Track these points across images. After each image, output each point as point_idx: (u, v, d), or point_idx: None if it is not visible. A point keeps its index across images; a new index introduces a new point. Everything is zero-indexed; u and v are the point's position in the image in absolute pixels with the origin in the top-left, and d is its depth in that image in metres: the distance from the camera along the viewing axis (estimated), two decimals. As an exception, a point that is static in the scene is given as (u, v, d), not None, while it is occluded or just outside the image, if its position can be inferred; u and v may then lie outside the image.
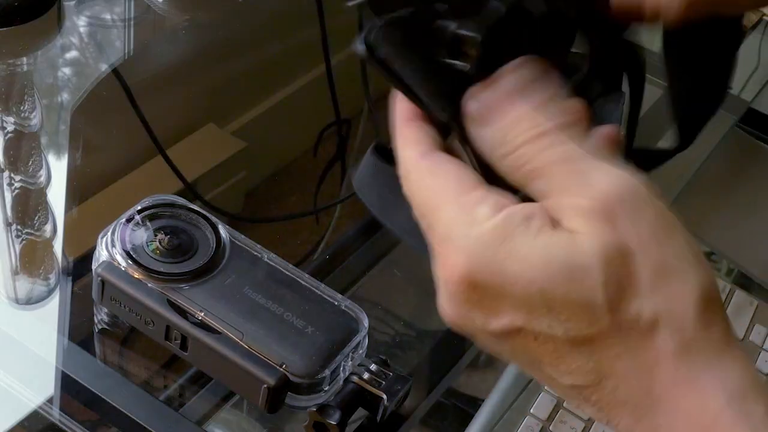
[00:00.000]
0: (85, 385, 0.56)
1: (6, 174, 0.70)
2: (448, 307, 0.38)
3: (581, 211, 0.36)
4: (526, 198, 0.38)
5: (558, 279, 0.35)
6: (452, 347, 0.64)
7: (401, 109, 0.40)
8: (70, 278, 0.64)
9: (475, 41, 0.38)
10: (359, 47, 0.38)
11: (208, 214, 0.59)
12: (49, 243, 0.67)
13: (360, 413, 0.56)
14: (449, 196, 0.37)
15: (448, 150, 0.40)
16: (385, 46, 0.38)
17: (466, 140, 0.39)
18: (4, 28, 0.78)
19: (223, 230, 0.59)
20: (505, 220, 0.36)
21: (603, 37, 0.43)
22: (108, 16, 0.87)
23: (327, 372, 0.53)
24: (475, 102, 0.39)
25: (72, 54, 0.83)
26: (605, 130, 0.40)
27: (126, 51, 0.85)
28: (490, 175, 0.38)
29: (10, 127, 0.73)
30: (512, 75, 0.39)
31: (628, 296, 0.35)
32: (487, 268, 0.36)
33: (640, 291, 0.35)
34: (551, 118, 0.38)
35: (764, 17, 1.07)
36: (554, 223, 0.36)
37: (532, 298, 0.35)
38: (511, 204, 0.37)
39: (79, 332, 0.60)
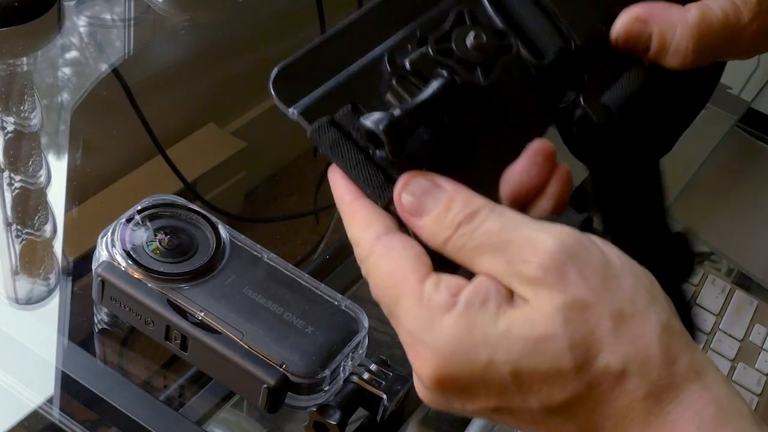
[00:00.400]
0: (85, 385, 0.56)
1: (6, 174, 0.70)
2: (425, 396, 0.39)
3: (530, 279, 0.37)
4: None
5: (525, 356, 0.36)
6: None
7: (346, 186, 0.41)
8: (70, 278, 0.64)
9: (379, 133, 0.39)
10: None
11: (208, 214, 0.59)
12: (49, 243, 0.67)
13: (360, 413, 0.56)
14: (407, 286, 0.38)
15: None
16: (321, 145, 0.40)
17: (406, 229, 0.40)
18: (4, 28, 0.78)
19: (223, 230, 0.59)
20: (465, 309, 0.37)
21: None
22: (108, 16, 0.87)
23: (327, 372, 0.53)
24: (407, 195, 0.39)
25: (72, 54, 0.83)
26: (535, 144, 0.42)
27: (126, 51, 0.85)
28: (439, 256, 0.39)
29: (10, 127, 0.73)
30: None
31: (594, 353, 0.36)
32: (457, 364, 0.37)
33: (604, 344, 0.36)
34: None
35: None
36: (508, 295, 0.37)
37: (503, 381, 0.37)
38: (464, 285, 0.38)
39: (79, 332, 0.60)
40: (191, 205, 0.60)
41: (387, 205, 0.40)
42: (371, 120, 0.39)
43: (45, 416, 0.56)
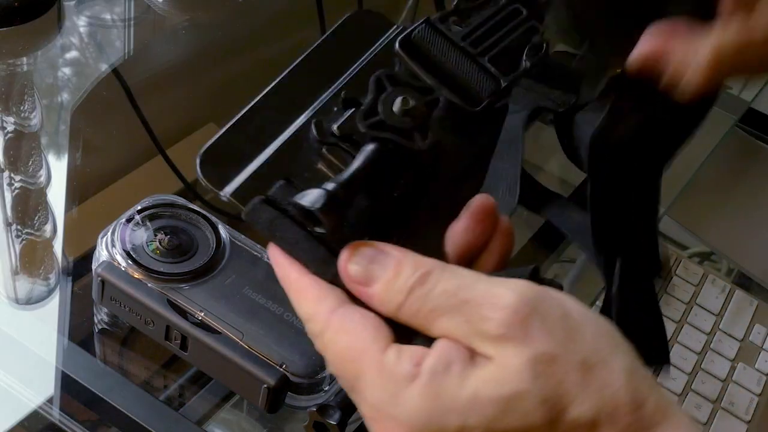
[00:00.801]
0: (85, 385, 0.56)
1: (6, 174, 0.70)
2: None
3: (493, 336, 0.36)
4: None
5: (498, 417, 0.36)
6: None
7: (290, 264, 0.40)
8: (70, 278, 0.64)
9: (317, 213, 0.37)
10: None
11: (208, 214, 0.59)
12: (49, 243, 0.67)
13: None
14: (368, 360, 0.37)
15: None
16: (258, 225, 0.39)
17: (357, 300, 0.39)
18: (4, 28, 0.78)
19: (223, 230, 0.59)
20: (430, 378, 0.36)
21: None
22: (108, 16, 0.87)
23: (327, 372, 0.53)
24: (353, 265, 0.39)
25: (72, 54, 0.83)
26: (476, 201, 0.41)
27: (126, 51, 0.85)
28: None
29: (10, 127, 0.73)
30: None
31: (564, 405, 0.36)
32: (426, 430, 0.36)
33: (573, 395, 0.36)
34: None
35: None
36: (470, 356, 0.36)
37: None
38: (425, 353, 0.37)
39: (79, 332, 0.60)
40: (191, 205, 0.60)
41: (333, 279, 0.39)
42: (307, 199, 0.38)
43: (45, 416, 0.56)
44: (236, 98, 0.85)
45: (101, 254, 0.56)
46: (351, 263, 0.39)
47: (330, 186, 0.38)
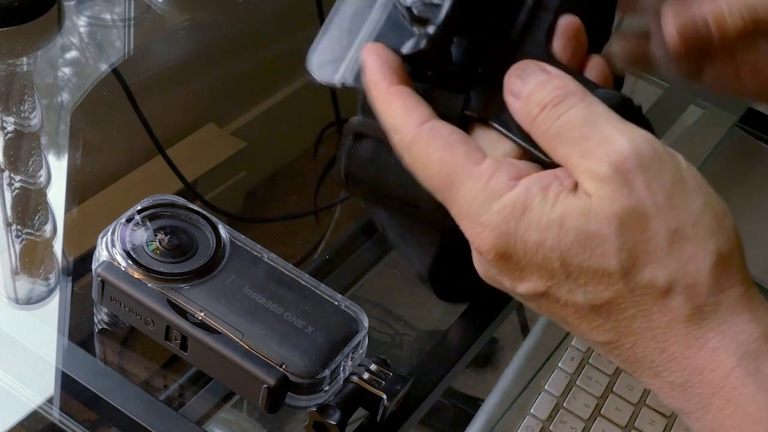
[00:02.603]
0: (85, 385, 0.56)
1: (6, 174, 0.70)
2: (481, 269, 0.40)
3: (598, 175, 0.37)
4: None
5: (575, 247, 0.37)
6: (452, 347, 0.64)
7: (381, 71, 0.41)
8: (70, 278, 0.64)
9: (424, 49, 0.40)
10: None
11: (208, 214, 0.59)
12: (49, 243, 0.67)
13: (360, 413, 0.56)
14: (462, 170, 0.39)
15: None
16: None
17: (488, 118, 0.40)
18: (4, 28, 0.78)
19: (223, 230, 0.59)
20: (524, 191, 0.38)
21: None
22: (108, 16, 0.87)
23: (327, 372, 0.53)
24: (515, 78, 0.40)
25: (72, 54, 0.83)
26: (563, 22, 0.42)
27: (126, 51, 0.85)
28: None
29: (10, 127, 0.73)
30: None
31: (642, 263, 0.36)
32: (511, 240, 0.37)
33: (654, 257, 0.36)
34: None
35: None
36: (572, 187, 0.38)
37: (552, 265, 0.37)
38: (526, 170, 0.38)
39: (79, 332, 0.60)
40: (191, 205, 0.60)
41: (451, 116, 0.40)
42: (407, 46, 0.39)
43: (45, 416, 0.56)
44: (236, 98, 0.85)
45: (101, 254, 0.56)
46: (513, 76, 0.40)
47: (430, 29, 0.39)
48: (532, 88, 0.39)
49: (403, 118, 0.40)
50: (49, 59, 0.81)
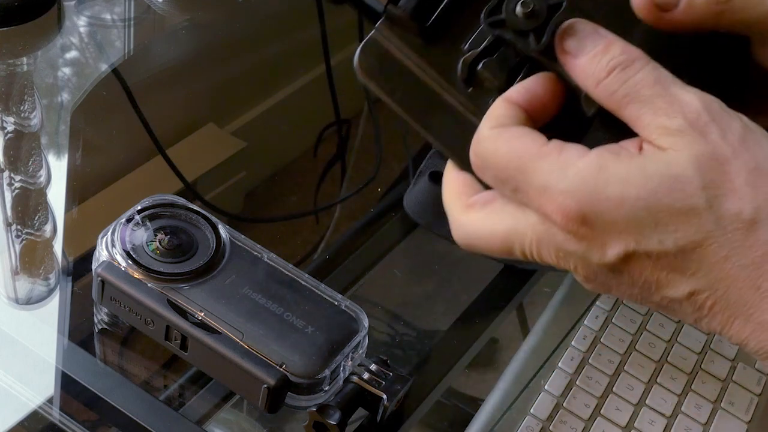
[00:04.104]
0: (85, 385, 0.56)
1: (6, 174, 0.70)
2: (562, 244, 0.40)
3: (673, 130, 0.38)
4: None
5: (659, 191, 0.37)
6: (452, 347, 0.64)
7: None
8: (70, 278, 0.64)
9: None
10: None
11: (208, 214, 0.59)
12: (49, 243, 0.67)
13: (360, 413, 0.56)
14: (532, 155, 0.40)
15: None
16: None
17: (551, 68, 0.42)
18: (4, 28, 0.78)
19: (223, 230, 0.59)
20: (597, 155, 0.39)
21: None
22: (108, 16, 0.87)
23: (327, 372, 0.53)
24: (569, 38, 0.41)
25: (72, 54, 0.83)
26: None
27: (126, 51, 0.85)
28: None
29: (10, 127, 0.73)
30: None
31: (727, 197, 0.37)
32: (591, 198, 0.38)
33: (737, 191, 0.37)
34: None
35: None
36: (640, 150, 0.39)
37: (638, 216, 0.38)
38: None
39: (79, 332, 0.60)
40: (191, 205, 0.60)
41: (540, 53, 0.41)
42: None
43: (45, 416, 0.56)
44: (236, 98, 0.85)
45: (101, 254, 0.56)
46: (567, 36, 0.41)
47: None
48: (598, 50, 0.40)
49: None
50: (49, 59, 0.81)
